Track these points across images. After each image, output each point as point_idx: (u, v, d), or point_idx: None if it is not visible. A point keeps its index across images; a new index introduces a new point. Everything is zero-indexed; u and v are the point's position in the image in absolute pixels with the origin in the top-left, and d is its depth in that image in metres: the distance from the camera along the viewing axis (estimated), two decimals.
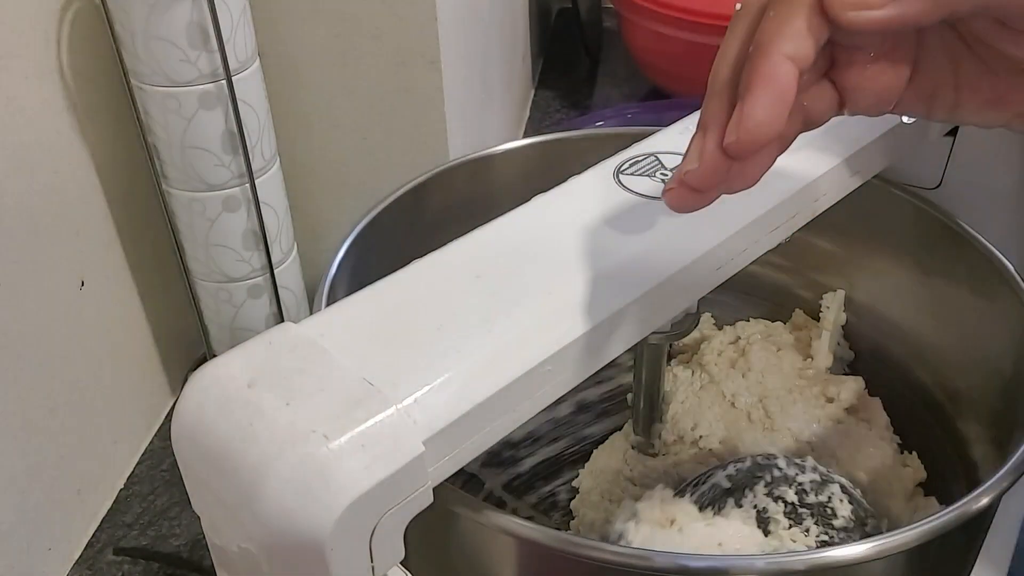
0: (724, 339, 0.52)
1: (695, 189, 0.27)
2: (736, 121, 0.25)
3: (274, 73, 0.59)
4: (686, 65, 0.90)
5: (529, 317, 0.29)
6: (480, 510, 0.32)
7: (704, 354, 0.51)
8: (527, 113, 0.97)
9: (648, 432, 0.48)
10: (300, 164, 0.64)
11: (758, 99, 0.25)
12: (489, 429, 0.28)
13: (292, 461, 0.24)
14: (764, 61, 0.25)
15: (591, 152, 0.37)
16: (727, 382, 0.49)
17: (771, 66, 0.24)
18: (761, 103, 0.25)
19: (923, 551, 0.31)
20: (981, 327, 0.44)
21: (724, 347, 0.51)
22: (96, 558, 0.56)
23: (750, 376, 0.49)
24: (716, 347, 0.51)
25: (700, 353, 0.52)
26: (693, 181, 0.27)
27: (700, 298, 0.35)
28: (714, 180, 0.27)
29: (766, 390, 0.48)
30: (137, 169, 0.57)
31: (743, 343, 0.51)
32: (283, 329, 0.28)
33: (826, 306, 0.51)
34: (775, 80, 0.24)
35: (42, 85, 0.51)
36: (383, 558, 0.25)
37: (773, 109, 0.25)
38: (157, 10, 0.48)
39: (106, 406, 0.58)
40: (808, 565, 0.30)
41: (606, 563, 0.30)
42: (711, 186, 0.27)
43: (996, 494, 0.32)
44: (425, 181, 0.48)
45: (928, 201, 0.46)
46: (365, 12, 0.58)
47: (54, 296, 0.53)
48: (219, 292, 0.59)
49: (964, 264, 0.44)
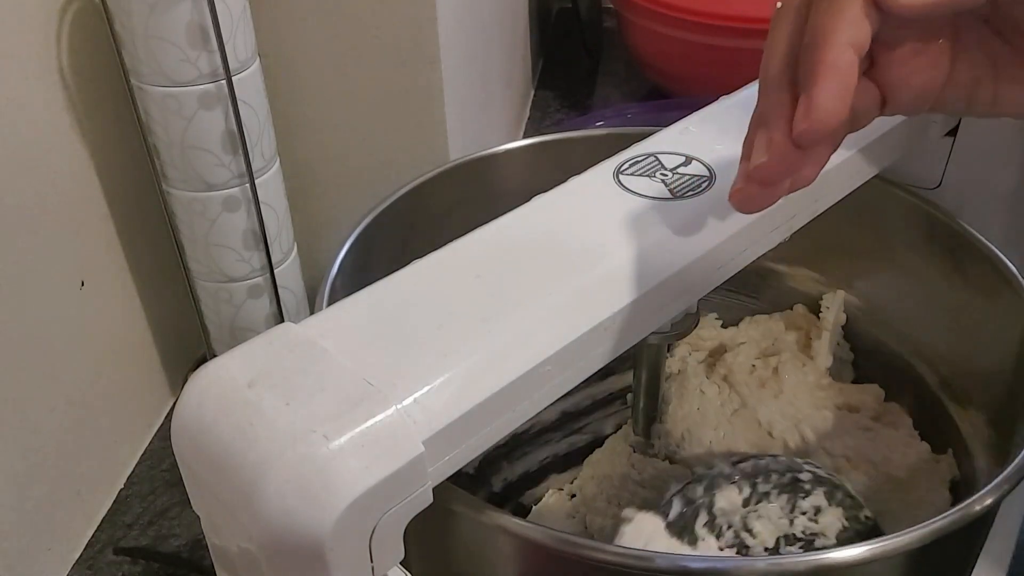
0: (750, 351, 0.51)
1: (764, 183, 0.27)
2: (804, 110, 0.26)
3: (274, 73, 0.59)
4: (686, 65, 0.90)
5: (529, 317, 0.29)
6: (480, 510, 0.32)
7: (733, 371, 0.50)
8: (527, 113, 0.97)
9: (648, 432, 0.48)
10: (300, 164, 0.64)
11: (824, 87, 0.25)
12: (489, 429, 0.28)
13: (292, 461, 0.24)
14: (826, 50, 0.25)
15: (591, 152, 0.37)
16: (761, 408, 0.48)
17: (834, 54, 0.25)
18: (828, 90, 0.25)
19: (924, 553, 0.31)
20: (981, 327, 0.44)
21: (750, 360, 0.51)
22: (96, 558, 0.56)
23: (783, 398, 0.48)
24: (744, 362, 0.50)
25: (728, 368, 0.51)
26: (763, 174, 0.27)
27: (700, 298, 0.35)
28: (784, 171, 0.27)
29: (800, 413, 0.48)
30: (137, 169, 0.57)
31: (775, 361, 0.50)
32: (283, 329, 0.28)
33: (826, 306, 0.51)
34: (838, 67, 0.25)
35: (42, 85, 0.51)
36: (383, 558, 0.25)
37: (840, 95, 0.25)
38: (157, 10, 0.48)
39: (106, 406, 0.58)
40: (809, 567, 0.30)
41: (607, 564, 0.30)
42: (781, 178, 0.27)
43: (997, 496, 0.32)
44: (425, 181, 0.48)
45: (928, 201, 0.46)
46: (365, 12, 0.58)
47: (54, 296, 0.53)
48: (219, 292, 0.59)
49: (964, 264, 0.44)
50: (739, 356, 0.51)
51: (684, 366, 0.52)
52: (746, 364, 0.50)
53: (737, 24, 0.82)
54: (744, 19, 0.81)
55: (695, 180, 0.35)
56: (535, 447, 0.54)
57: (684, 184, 0.35)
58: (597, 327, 0.30)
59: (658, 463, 0.48)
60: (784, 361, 0.50)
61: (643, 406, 0.46)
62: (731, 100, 0.41)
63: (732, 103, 0.41)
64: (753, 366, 0.50)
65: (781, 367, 0.49)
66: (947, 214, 0.45)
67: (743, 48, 0.80)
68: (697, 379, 0.51)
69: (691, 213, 0.33)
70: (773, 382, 0.49)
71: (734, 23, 0.82)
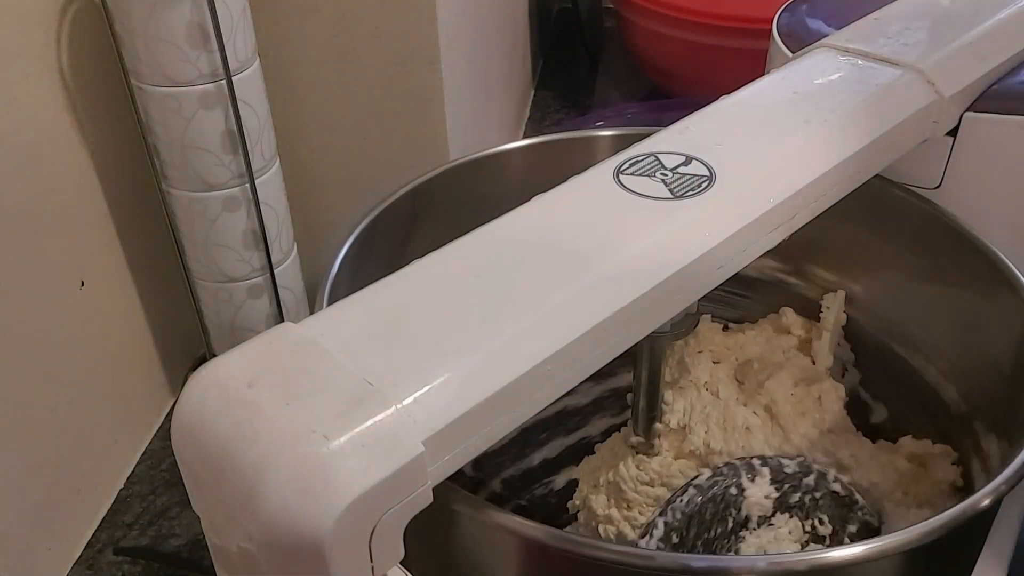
0: (787, 378, 0.49)
1: None
2: None
3: (274, 73, 0.59)
4: (686, 65, 0.90)
5: (529, 317, 0.29)
6: (481, 509, 0.32)
7: (776, 400, 0.48)
8: (527, 113, 0.97)
9: (648, 432, 0.48)
10: (300, 164, 0.64)
11: None
12: (489, 429, 0.28)
13: (292, 461, 0.24)
14: None
15: (591, 152, 0.37)
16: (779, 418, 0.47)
17: None
18: None
19: (924, 552, 0.31)
20: (981, 327, 0.44)
21: (789, 388, 0.49)
22: (96, 558, 0.56)
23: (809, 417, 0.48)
24: (783, 389, 0.49)
25: (770, 397, 0.48)
26: None
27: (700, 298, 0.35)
28: None
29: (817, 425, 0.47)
30: (137, 169, 0.57)
31: (816, 391, 0.48)
32: (283, 329, 0.28)
33: (826, 306, 0.51)
34: None
35: (42, 85, 0.51)
36: (383, 558, 0.25)
37: None
38: (157, 10, 0.48)
39: (106, 406, 0.58)
40: (809, 565, 0.30)
41: (608, 562, 0.30)
42: None
43: (998, 496, 0.32)
44: (425, 181, 0.48)
45: (928, 201, 0.46)
46: (365, 12, 0.58)
47: (54, 296, 0.53)
48: (219, 292, 0.59)
49: (964, 264, 0.44)
50: (779, 382, 0.49)
51: (712, 379, 0.51)
52: (786, 391, 0.49)
53: (737, 24, 0.82)
54: (744, 19, 0.81)
55: (695, 180, 0.35)
56: (535, 447, 0.54)
57: (684, 184, 0.35)
58: (597, 327, 0.30)
59: (658, 463, 0.48)
60: (826, 390, 0.48)
61: (643, 406, 0.46)
62: (731, 100, 0.41)
63: (732, 103, 0.41)
64: (792, 394, 0.49)
65: (824, 396, 0.48)
66: (947, 214, 0.45)
67: (743, 48, 0.80)
68: (727, 391, 0.49)
69: (691, 213, 0.33)
70: (812, 408, 0.48)
71: (734, 23, 0.82)
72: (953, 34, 0.46)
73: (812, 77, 0.43)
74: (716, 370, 0.50)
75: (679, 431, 0.47)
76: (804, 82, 0.42)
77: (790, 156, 0.37)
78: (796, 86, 0.42)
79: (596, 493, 0.49)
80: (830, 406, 0.48)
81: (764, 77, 0.43)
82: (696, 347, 0.52)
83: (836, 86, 0.42)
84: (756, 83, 0.43)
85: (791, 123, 0.39)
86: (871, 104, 0.41)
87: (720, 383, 0.49)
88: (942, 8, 0.50)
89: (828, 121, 0.39)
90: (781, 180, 0.36)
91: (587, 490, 0.50)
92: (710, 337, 0.52)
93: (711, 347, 0.52)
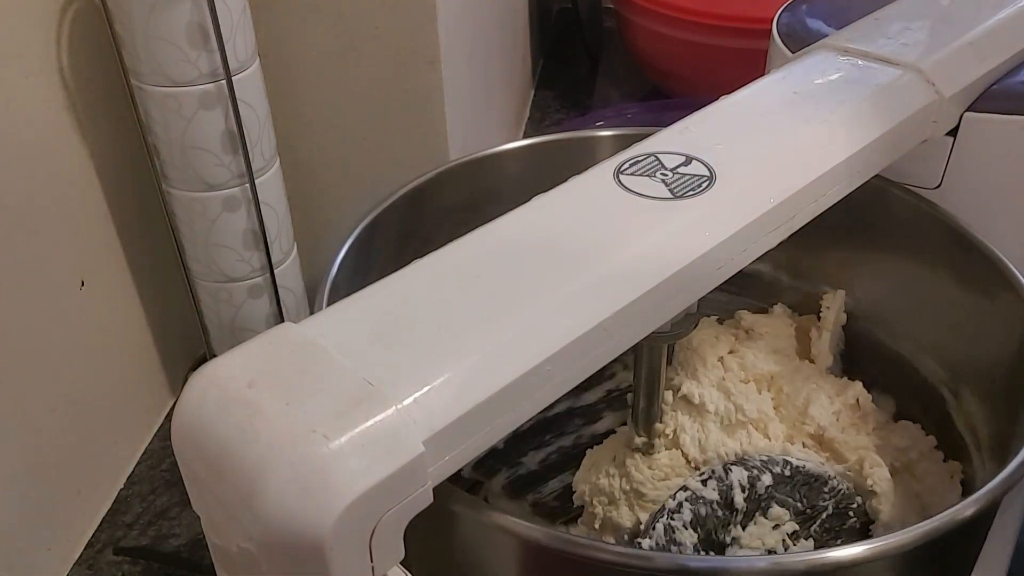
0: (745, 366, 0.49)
1: None
2: None
3: (274, 73, 0.59)
4: (686, 65, 0.90)
5: (529, 317, 0.29)
6: (480, 510, 0.32)
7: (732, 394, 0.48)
8: (527, 113, 0.97)
9: (648, 432, 0.48)
10: (300, 164, 0.64)
11: None
12: (489, 429, 0.28)
13: (292, 461, 0.24)
14: None
15: (591, 152, 0.37)
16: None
17: None
18: None
19: (924, 552, 0.31)
20: (981, 327, 0.44)
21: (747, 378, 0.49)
22: (96, 558, 0.56)
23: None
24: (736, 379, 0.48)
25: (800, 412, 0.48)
26: None
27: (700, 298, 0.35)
28: None
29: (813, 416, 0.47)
30: (137, 169, 0.57)
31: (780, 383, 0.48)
32: (283, 329, 0.28)
33: (826, 306, 0.51)
34: None
35: (42, 85, 0.51)
36: (383, 558, 0.25)
37: None
38: (157, 10, 0.48)
39: (106, 406, 0.58)
40: (808, 565, 0.30)
41: (607, 563, 0.30)
42: None
43: (996, 496, 0.32)
44: (425, 181, 0.48)
45: (928, 201, 0.46)
46: (365, 12, 0.58)
47: (54, 296, 0.53)
48: (219, 292, 0.59)
49: (964, 264, 0.44)
50: (821, 407, 0.48)
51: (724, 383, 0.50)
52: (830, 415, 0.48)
53: (737, 24, 0.82)
54: (744, 19, 0.81)
55: (695, 180, 0.35)
56: (535, 447, 0.54)
57: (684, 184, 0.35)
58: (597, 327, 0.30)
59: (658, 462, 0.48)
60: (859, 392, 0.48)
61: (643, 406, 0.46)
62: (731, 100, 0.41)
63: (732, 103, 0.41)
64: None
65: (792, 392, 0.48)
66: (947, 214, 0.45)
67: (743, 48, 0.80)
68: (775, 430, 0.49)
69: (691, 213, 0.33)
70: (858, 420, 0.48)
71: (734, 23, 0.82)
72: (953, 34, 0.46)
73: (812, 77, 0.43)
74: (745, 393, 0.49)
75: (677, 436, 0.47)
76: (804, 82, 0.42)
77: (790, 156, 0.37)
78: (796, 86, 0.42)
79: (596, 494, 0.49)
80: (866, 405, 0.48)
81: (764, 77, 0.43)
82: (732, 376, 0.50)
83: (836, 86, 0.42)
84: (756, 83, 0.43)
85: (791, 123, 0.39)
86: (871, 104, 0.41)
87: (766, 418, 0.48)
88: (942, 8, 0.50)
89: (828, 121, 0.39)
90: (781, 180, 0.36)
91: (586, 490, 0.50)
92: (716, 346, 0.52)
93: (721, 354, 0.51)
